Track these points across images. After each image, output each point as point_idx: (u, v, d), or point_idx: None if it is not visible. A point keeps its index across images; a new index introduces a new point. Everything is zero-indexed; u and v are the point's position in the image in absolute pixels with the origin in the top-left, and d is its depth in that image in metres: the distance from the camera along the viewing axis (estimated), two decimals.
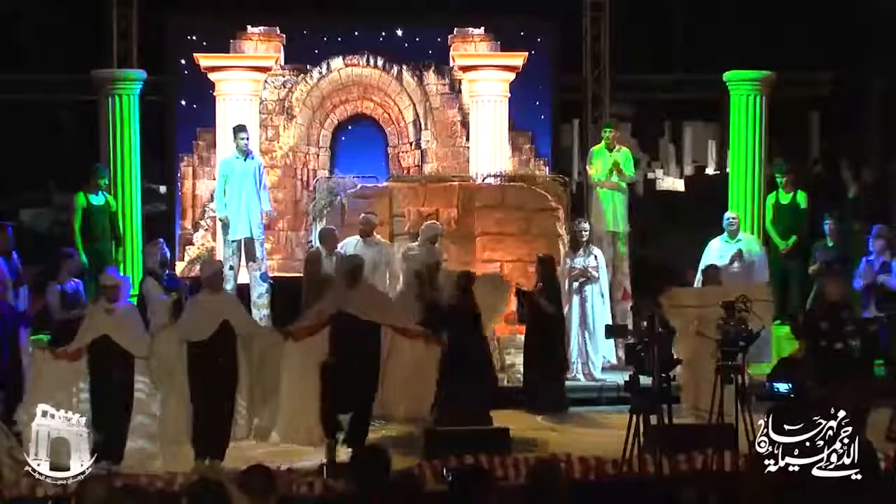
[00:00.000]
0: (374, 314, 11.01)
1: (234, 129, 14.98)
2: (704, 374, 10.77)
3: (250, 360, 10.80)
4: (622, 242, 15.35)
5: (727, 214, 14.81)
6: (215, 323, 10.71)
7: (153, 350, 10.74)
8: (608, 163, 15.27)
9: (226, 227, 14.74)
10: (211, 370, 10.65)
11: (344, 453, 10.64)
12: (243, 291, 14.36)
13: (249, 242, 14.77)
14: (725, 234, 14.61)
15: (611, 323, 13.71)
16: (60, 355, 10.73)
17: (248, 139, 14.86)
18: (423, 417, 11.27)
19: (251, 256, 14.74)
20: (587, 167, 15.60)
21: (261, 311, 14.53)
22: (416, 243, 13.73)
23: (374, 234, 13.93)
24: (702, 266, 14.19)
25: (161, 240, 13.73)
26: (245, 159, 14.75)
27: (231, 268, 14.51)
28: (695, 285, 13.96)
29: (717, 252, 14.43)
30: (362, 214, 14.04)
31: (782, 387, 11.26)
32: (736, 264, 14.13)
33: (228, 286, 14.28)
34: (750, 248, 14.53)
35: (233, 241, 14.74)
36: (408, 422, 11.50)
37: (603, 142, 15.41)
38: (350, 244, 13.63)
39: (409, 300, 12.45)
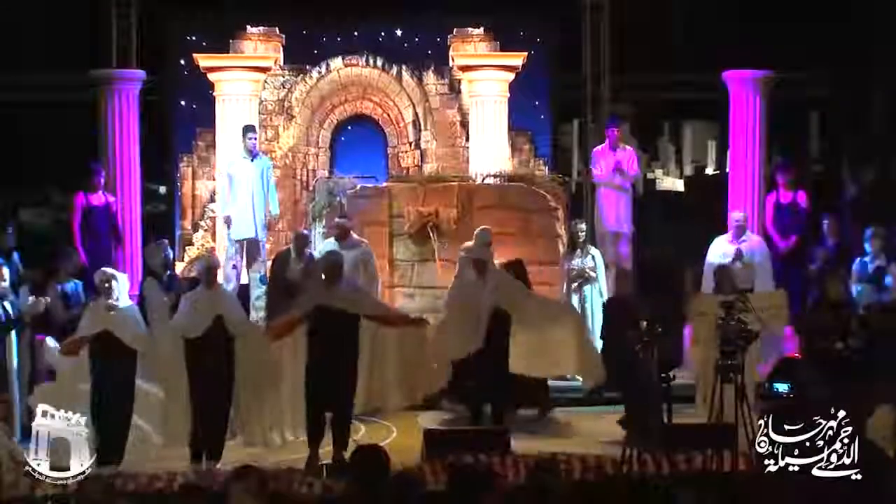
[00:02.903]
0: (354, 306, 11.03)
1: (243, 128, 15.09)
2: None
3: (240, 358, 10.82)
4: (625, 242, 15.35)
5: (735, 214, 14.76)
6: (208, 319, 10.73)
7: (155, 350, 10.76)
8: (612, 162, 15.28)
9: (228, 226, 14.77)
10: (206, 368, 10.66)
11: (327, 454, 10.73)
12: (245, 292, 14.37)
13: (253, 243, 14.80)
14: (730, 233, 14.59)
15: None
16: (60, 351, 10.76)
17: (255, 139, 14.96)
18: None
19: (252, 257, 14.78)
20: (591, 167, 15.61)
21: (259, 312, 14.53)
22: (470, 244, 13.70)
23: (352, 234, 13.92)
24: (707, 265, 14.19)
25: (165, 241, 13.75)
26: (252, 159, 14.82)
27: (234, 267, 14.53)
28: (703, 285, 13.97)
29: (721, 251, 14.41)
30: (335, 219, 14.06)
31: (782, 387, 11.27)
32: (738, 264, 14.11)
33: (231, 285, 14.31)
34: (752, 250, 14.48)
35: (236, 241, 14.78)
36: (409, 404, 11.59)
37: (607, 141, 15.43)
38: (328, 246, 13.66)
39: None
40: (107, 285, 10.93)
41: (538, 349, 11.99)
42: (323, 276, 11.47)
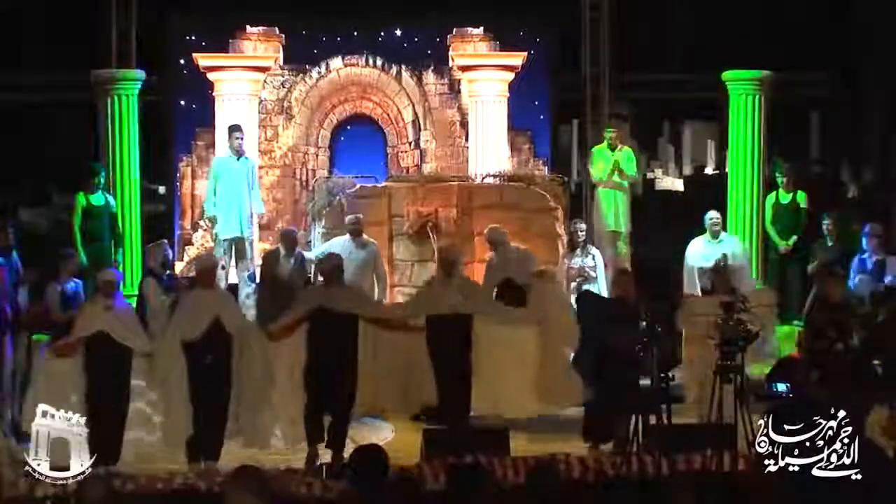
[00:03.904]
0: (354, 307, 11.01)
1: (228, 128, 15.10)
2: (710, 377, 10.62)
3: (239, 358, 10.81)
4: (623, 242, 15.35)
5: (709, 214, 14.75)
6: (206, 319, 10.71)
7: (154, 353, 10.74)
8: (610, 162, 15.29)
9: (214, 225, 14.82)
10: (204, 368, 10.65)
11: (326, 455, 10.72)
12: (232, 292, 14.37)
13: (240, 242, 14.83)
14: (707, 234, 14.59)
15: None
16: (55, 350, 10.74)
17: (242, 139, 14.96)
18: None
19: (241, 255, 14.79)
20: (589, 167, 15.61)
21: (248, 311, 14.50)
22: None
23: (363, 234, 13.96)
24: (687, 267, 14.22)
25: (165, 241, 13.75)
26: (238, 159, 14.85)
27: (223, 267, 14.53)
28: (685, 285, 14.00)
29: (699, 253, 14.42)
30: (351, 214, 14.07)
31: (781, 387, 11.27)
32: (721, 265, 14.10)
33: (221, 285, 14.32)
34: (734, 250, 14.48)
35: (224, 241, 14.81)
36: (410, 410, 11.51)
37: (605, 141, 15.44)
38: (338, 244, 13.66)
39: None
40: (110, 287, 10.91)
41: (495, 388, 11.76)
42: (322, 278, 11.44)
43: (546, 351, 11.74)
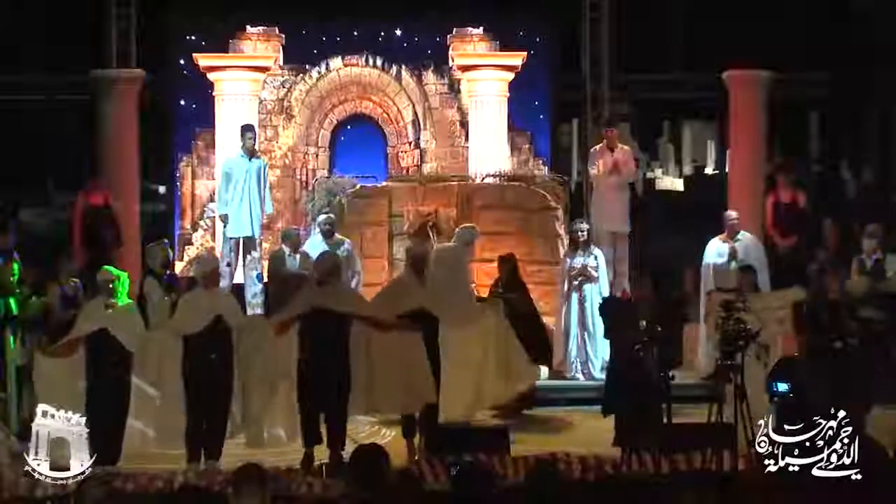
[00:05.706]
0: (349, 307, 10.99)
1: (241, 128, 15.07)
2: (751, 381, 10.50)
3: (240, 357, 10.80)
4: (622, 242, 15.35)
5: (728, 214, 14.78)
6: (208, 317, 10.70)
7: (151, 349, 10.74)
8: (609, 162, 15.29)
9: (225, 224, 14.80)
10: (205, 367, 10.64)
11: (324, 454, 10.71)
12: (239, 291, 14.39)
13: (249, 241, 14.82)
14: (725, 233, 14.64)
15: None
16: (55, 351, 10.75)
17: (254, 139, 14.97)
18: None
19: (249, 254, 14.79)
20: (588, 167, 15.62)
21: (255, 310, 14.53)
22: (451, 244, 13.56)
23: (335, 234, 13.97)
24: (704, 266, 14.22)
25: (166, 241, 13.74)
26: (250, 159, 14.83)
27: (228, 265, 14.55)
28: (702, 285, 13.98)
29: (715, 251, 14.45)
30: (322, 215, 14.06)
31: (782, 387, 11.26)
32: (733, 264, 14.12)
33: (223, 283, 14.31)
34: (748, 248, 14.50)
35: (231, 239, 14.79)
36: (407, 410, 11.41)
37: (605, 141, 15.44)
38: (314, 244, 13.66)
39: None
40: (110, 286, 10.91)
41: (463, 387, 11.71)
42: (318, 277, 11.40)
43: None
